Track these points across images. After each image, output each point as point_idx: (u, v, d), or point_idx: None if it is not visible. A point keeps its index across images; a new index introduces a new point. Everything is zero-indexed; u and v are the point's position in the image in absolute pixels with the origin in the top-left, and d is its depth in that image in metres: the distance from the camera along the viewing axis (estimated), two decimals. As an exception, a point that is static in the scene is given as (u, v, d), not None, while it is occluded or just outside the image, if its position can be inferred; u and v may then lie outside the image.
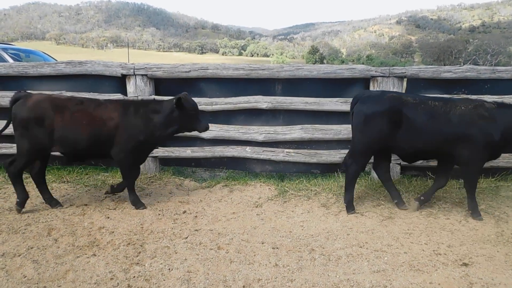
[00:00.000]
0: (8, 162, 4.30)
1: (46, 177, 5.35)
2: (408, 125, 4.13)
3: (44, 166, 4.53)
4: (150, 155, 5.70)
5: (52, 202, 4.55)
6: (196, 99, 5.47)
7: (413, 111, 4.13)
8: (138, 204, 4.55)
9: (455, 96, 5.05)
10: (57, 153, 4.45)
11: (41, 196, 4.57)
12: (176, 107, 4.27)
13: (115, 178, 5.53)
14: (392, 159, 5.41)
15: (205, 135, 5.58)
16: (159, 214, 4.37)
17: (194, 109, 4.42)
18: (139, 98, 5.26)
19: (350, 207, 4.46)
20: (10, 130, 5.59)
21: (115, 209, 4.51)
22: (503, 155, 5.41)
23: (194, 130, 4.57)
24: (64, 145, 4.21)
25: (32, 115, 4.09)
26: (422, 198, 4.52)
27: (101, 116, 4.22)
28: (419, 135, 4.14)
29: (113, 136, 4.24)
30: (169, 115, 4.32)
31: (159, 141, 4.56)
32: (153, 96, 5.43)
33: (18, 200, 4.34)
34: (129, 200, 4.58)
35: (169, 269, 3.22)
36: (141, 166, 5.68)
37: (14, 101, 4.23)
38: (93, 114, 4.21)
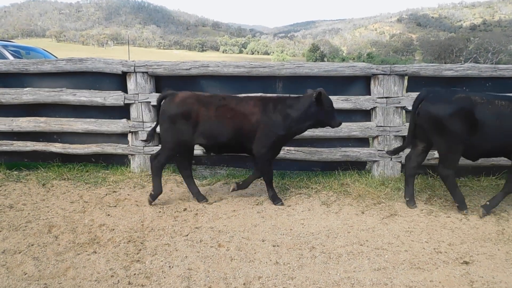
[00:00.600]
0: (153, 156, 4.57)
1: (46, 174, 5.36)
2: (479, 126, 4.08)
3: (191, 161, 4.86)
4: (151, 152, 5.70)
5: (199, 196, 4.73)
6: None
7: (482, 112, 4.08)
8: (276, 200, 4.65)
9: None
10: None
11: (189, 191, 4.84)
12: (315, 103, 4.36)
13: (115, 175, 5.53)
14: (392, 157, 5.42)
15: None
16: (160, 212, 4.37)
17: (331, 105, 4.50)
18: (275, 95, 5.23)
19: (411, 202, 4.54)
20: (7, 127, 5.59)
21: (115, 206, 4.51)
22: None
23: (327, 126, 4.63)
24: (207, 138, 4.43)
25: (180, 110, 4.34)
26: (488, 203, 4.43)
27: (243, 111, 4.40)
28: (489, 136, 4.09)
29: (254, 131, 4.40)
30: (307, 111, 4.40)
31: (293, 136, 4.66)
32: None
33: (152, 193, 4.56)
34: (268, 195, 4.70)
35: (169, 266, 3.22)
36: (141, 164, 5.70)
37: (161, 99, 4.52)
38: (235, 109, 4.40)
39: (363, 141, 5.71)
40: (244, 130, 4.39)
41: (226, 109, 4.39)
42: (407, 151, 4.81)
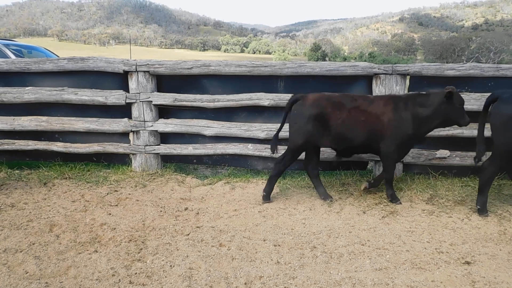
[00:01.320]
0: (280, 158, 4.63)
1: (47, 173, 5.36)
2: None
3: (318, 161, 4.84)
4: (152, 151, 5.71)
5: (326, 196, 4.73)
6: (198, 96, 5.49)
7: None
8: (395, 199, 4.63)
9: None
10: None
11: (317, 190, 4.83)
12: (446, 101, 4.30)
13: (117, 174, 5.53)
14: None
15: (206, 132, 5.57)
16: (161, 211, 4.37)
17: (461, 103, 4.43)
18: (405, 92, 5.22)
19: (483, 210, 4.34)
20: (8, 126, 5.60)
21: (116, 205, 4.51)
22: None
23: (455, 124, 4.58)
24: (339, 141, 4.43)
25: (313, 112, 4.33)
26: None
27: (375, 111, 4.35)
28: None
29: (384, 130, 4.36)
30: (437, 108, 4.34)
31: (422, 135, 4.61)
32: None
33: (264, 193, 4.67)
34: (387, 194, 4.69)
35: (170, 265, 3.22)
36: (142, 163, 5.70)
37: (293, 102, 4.51)
38: (368, 110, 4.35)
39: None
40: (375, 131, 4.36)
41: (359, 110, 4.34)
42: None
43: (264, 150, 5.57)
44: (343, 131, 4.35)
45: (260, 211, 4.43)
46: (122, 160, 5.91)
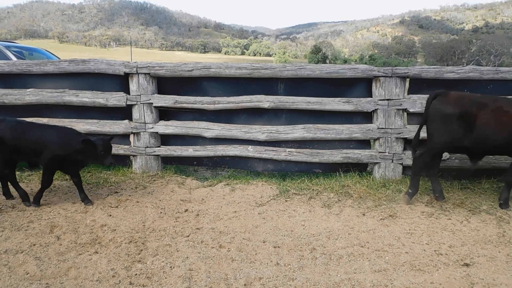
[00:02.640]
0: (418, 155, 4.60)
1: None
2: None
3: (440, 162, 4.82)
4: (152, 153, 5.73)
5: (440, 195, 4.72)
6: (198, 98, 5.51)
7: None
8: (506, 205, 4.54)
9: None
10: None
11: None
12: None
13: (117, 176, 5.54)
14: (394, 159, 5.43)
15: (207, 134, 5.59)
16: (161, 213, 4.38)
17: None
18: None
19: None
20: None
21: (117, 207, 4.52)
22: (506, 156, 5.42)
23: None
24: (478, 142, 4.32)
25: (456, 110, 4.28)
26: None
27: None
28: None
29: None
30: None
31: None
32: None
33: (410, 191, 4.65)
34: (501, 197, 4.61)
35: (170, 267, 3.23)
36: (143, 165, 5.72)
37: (433, 97, 4.47)
38: (510, 111, 4.25)
39: (364, 143, 5.72)
40: None
41: (501, 111, 4.24)
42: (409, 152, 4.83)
43: (264, 152, 5.58)
44: (486, 133, 4.24)
45: (260, 212, 4.44)
46: (123, 161, 5.93)
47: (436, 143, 4.45)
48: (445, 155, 5.40)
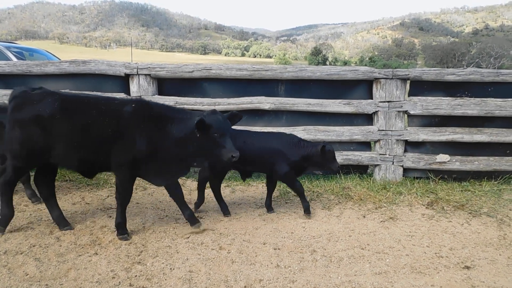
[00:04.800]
0: None
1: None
2: None
3: None
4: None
5: None
6: (198, 100, 5.51)
7: None
8: None
9: None
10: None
11: None
12: None
13: (118, 177, 5.53)
14: (394, 161, 5.42)
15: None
16: (161, 214, 4.38)
17: None
18: None
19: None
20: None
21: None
22: (507, 158, 5.43)
23: None
24: None
25: None
26: None
27: None
28: None
29: None
30: None
31: None
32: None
33: None
34: None
35: (170, 268, 3.22)
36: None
37: None
38: None
39: (365, 145, 5.72)
40: None
41: None
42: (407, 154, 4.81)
43: (265, 154, 5.57)
44: None
45: (260, 214, 4.43)
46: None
47: None
48: (446, 157, 5.40)
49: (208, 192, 5.11)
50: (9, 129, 3.63)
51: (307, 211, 4.35)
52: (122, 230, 3.75)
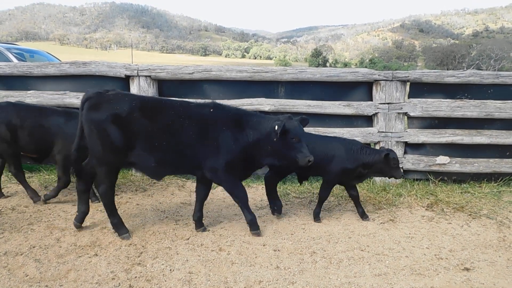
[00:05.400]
0: None
1: (48, 176, 5.37)
2: None
3: None
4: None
5: None
6: (198, 101, 5.50)
7: None
8: None
9: None
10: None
11: None
12: None
13: (117, 178, 5.52)
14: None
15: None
16: (161, 215, 4.38)
17: None
18: None
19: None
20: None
21: (117, 209, 4.51)
22: (506, 160, 5.43)
23: None
24: None
25: None
26: None
27: None
28: None
29: None
30: None
31: None
32: None
33: None
34: None
35: (170, 269, 3.23)
36: (144, 167, 5.71)
37: None
38: None
39: (364, 147, 5.72)
40: None
41: None
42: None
43: (265, 155, 5.58)
44: None
45: (260, 216, 4.43)
46: (123, 164, 5.92)
47: None
48: (446, 159, 5.41)
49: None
50: (87, 131, 3.64)
51: (316, 218, 4.30)
52: (255, 226, 3.89)
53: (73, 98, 5.57)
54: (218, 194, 5.11)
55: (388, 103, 5.41)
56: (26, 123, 4.41)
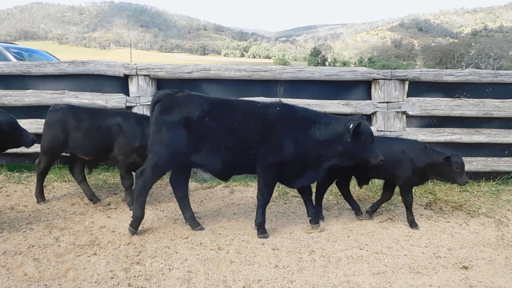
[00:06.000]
0: None
1: (47, 176, 5.35)
2: None
3: None
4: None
5: None
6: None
7: None
8: None
9: None
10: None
11: None
12: None
13: (116, 178, 5.53)
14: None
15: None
16: (160, 214, 4.38)
17: None
18: None
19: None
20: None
21: (116, 208, 4.52)
22: (505, 158, 5.44)
23: None
24: None
25: None
26: None
27: None
28: None
29: None
30: None
31: None
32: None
33: None
34: None
35: (169, 268, 3.23)
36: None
37: None
38: None
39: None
40: None
41: None
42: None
43: (263, 154, 5.58)
44: None
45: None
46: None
47: None
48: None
49: (207, 193, 5.13)
50: (155, 130, 3.71)
51: (413, 225, 4.17)
52: (263, 230, 3.89)
53: (72, 98, 5.56)
54: (217, 193, 5.11)
55: (386, 102, 5.41)
56: (83, 125, 4.37)
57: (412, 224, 4.17)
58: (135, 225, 3.80)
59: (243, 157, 3.73)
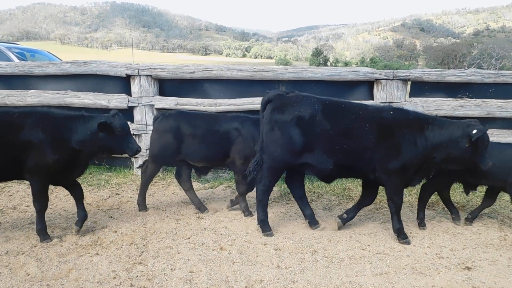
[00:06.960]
0: None
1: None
2: None
3: None
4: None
5: None
6: (199, 100, 5.51)
7: None
8: None
9: None
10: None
11: None
12: None
13: (118, 177, 5.54)
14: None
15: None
16: (162, 215, 4.38)
17: None
18: None
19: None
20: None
21: (118, 209, 4.53)
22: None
23: None
24: None
25: None
26: None
27: None
28: None
29: None
30: None
31: None
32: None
33: None
34: None
35: (171, 269, 3.23)
36: (145, 166, 5.71)
37: None
38: None
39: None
40: None
41: None
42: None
43: (265, 155, 5.57)
44: None
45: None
46: (124, 163, 5.92)
47: None
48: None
49: (209, 193, 5.13)
50: (268, 129, 3.76)
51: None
52: (404, 236, 3.82)
53: (74, 98, 5.58)
54: (219, 193, 5.11)
55: (389, 102, 5.40)
56: (198, 130, 4.31)
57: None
58: (266, 228, 3.87)
59: (356, 160, 3.72)
